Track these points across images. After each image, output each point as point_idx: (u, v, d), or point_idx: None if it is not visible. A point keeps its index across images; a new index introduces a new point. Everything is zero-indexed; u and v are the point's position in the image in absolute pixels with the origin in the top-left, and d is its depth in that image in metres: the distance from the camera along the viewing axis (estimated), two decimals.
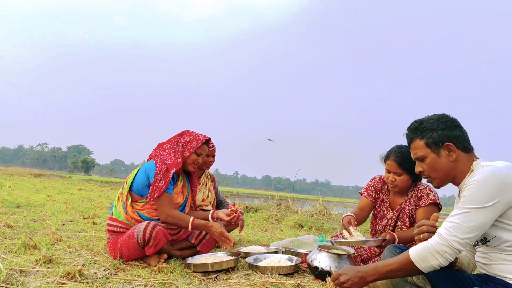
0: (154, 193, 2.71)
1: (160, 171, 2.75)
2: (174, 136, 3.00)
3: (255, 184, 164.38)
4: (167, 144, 2.96)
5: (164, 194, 2.73)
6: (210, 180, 3.97)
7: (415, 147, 1.91)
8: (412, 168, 2.69)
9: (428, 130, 1.86)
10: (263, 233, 5.07)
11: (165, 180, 2.73)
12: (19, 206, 5.64)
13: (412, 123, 1.94)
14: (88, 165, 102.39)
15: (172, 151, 2.91)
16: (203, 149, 2.99)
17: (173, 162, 2.82)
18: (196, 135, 2.99)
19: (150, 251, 2.55)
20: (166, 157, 2.86)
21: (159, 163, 2.79)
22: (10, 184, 10.93)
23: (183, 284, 2.23)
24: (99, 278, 2.19)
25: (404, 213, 2.85)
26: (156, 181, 2.72)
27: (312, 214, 7.05)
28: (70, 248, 2.93)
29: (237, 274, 2.52)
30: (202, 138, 2.98)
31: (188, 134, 2.99)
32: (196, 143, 2.94)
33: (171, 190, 2.78)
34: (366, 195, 2.99)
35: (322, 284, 2.42)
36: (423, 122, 1.90)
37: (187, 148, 2.92)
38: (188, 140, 2.95)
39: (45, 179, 18.96)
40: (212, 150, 3.76)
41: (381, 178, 3.01)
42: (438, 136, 1.84)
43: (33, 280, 2.09)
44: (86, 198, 8.66)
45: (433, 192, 2.79)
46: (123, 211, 2.78)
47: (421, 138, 1.88)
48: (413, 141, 1.92)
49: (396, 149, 2.77)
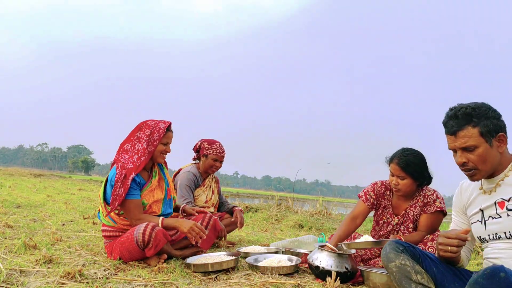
0: (115, 202, 2.59)
1: (119, 178, 2.62)
2: (133, 131, 2.83)
3: (255, 184, 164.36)
4: (128, 143, 2.80)
5: (127, 201, 2.64)
6: (214, 182, 3.94)
7: (466, 135, 1.73)
8: (415, 173, 2.69)
9: (483, 118, 1.72)
10: (263, 233, 5.07)
11: (124, 187, 2.60)
12: (19, 206, 5.63)
13: (462, 109, 1.76)
14: (88, 165, 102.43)
15: (134, 151, 2.75)
16: (167, 137, 2.83)
17: (134, 166, 2.68)
18: (156, 124, 2.81)
19: (150, 252, 2.53)
20: (128, 161, 2.71)
21: (120, 168, 2.67)
22: (10, 184, 10.92)
23: (183, 284, 2.22)
24: (99, 278, 2.19)
25: (408, 218, 2.80)
26: (116, 189, 2.60)
27: (312, 214, 7.04)
28: (70, 248, 2.93)
29: (237, 274, 2.52)
30: (163, 126, 2.81)
31: (147, 126, 2.80)
32: (158, 134, 2.78)
33: (135, 196, 2.68)
34: (364, 200, 2.87)
35: (322, 284, 2.41)
36: (475, 108, 1.73)
37: (150, 142, 2.76)
38: (149, 133, 2.77)
39: (45, 179, 18.94)
40: (221, 156, 3.72)
41: (383, 183, 2.91)
42: (493, 125, 1.71)
43: (33, 280, 2.09)
44: (86, 198, 8.66)
45: (440, 199, 2.74)
46: (112, 222, 2.75)
47: (474, 126, 1.72)
48: (463, 129, 1.74)
49: (400, 152, 2.73)
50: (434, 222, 2.73)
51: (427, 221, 2.72)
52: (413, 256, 1.96)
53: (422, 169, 2.70)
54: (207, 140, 3.78)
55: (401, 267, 1.90)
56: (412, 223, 2.79)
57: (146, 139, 2.76)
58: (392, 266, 1.93)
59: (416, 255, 1.97)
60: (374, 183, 2.94)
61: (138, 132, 2.81)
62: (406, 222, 2.82)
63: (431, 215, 2.72)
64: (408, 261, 1.91)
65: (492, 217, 1.79)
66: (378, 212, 2.94)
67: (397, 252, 1.95)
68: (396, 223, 2.85)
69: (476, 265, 3.42)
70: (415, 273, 1.87)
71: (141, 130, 2.81)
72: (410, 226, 2.80)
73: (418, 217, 2.78)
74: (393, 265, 1.93)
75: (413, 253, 1.97)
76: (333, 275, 2.32)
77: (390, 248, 1.99)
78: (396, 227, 2.85)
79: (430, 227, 2.72)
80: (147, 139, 2.76)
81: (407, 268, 1.88)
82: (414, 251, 1.98)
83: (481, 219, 1.84)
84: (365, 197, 2.89)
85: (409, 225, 2.81)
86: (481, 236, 1.87)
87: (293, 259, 2.81)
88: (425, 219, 2.73)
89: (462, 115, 1.75)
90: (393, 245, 1.99)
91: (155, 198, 2.82)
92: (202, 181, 3.82)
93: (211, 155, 3.70)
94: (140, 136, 2.79)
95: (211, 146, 3.71)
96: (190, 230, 2.62)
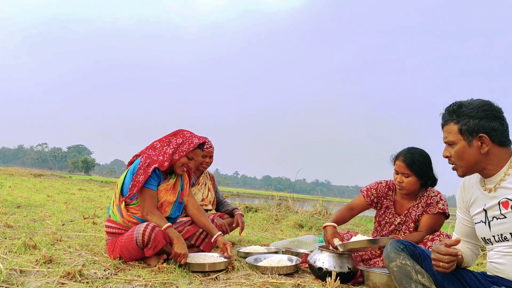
0: (134, 188, 2.63)
1: (142, 166, 2.67)
2: (168, 134, 2.87)
3: (255, 184, 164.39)
4: (158, 142, 2.85)
5: (145, 190, 2.66)
6: (209, 180, 3.95)
7: (448, 131, 1.81)
8: (421, 171, 2.69)
9: (465, 116, 1.74)
10: (263, 233, 5.07)
11: (145, 174, 2.63)
12: (19, 206, 5.64)
13: (451, 105, 1.82)
14: (88, 165, 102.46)
15: (161, 152, 2.78)
16: (195, 153, 2.82)
17: (157, 160, 2.73)
18: (190, 137, 2.82)
19: (149, 252, 2.54)
20: (153, 156, 2.76)
21: (144, 158, 2.72)
22: (10, 184, 10.93)
23: (183, 284, 2.22)
24: (99, 278, 2.19)
25: (410, 218, 2.80)
26: (137, 176, 2.65)
27: (312, 214, 7.05)
28: (70, 248, 2.93)
29: (237, 274, 2.52)
30: (196, 142, 2.80)
31: (182, 135, 2.82)
32: (188, 146, 2.77)
33: (153, 186, 2.69)
34: (365, 195, 2.89)
35: (322, 284, 2.41)
36: (463, 106, 1.77)
37: (178, 151, 2.76)
38: (180, 142, 2.78)
39: (45, 179, 18.95)
40: (210, 151, 3.72)
41: (387, 183, 2.91)
42: (474, 125, 1.72)
43: (33, 280, 2.09)
44: (86, 198, 8.66)
45: (443, 201, 2.73)
46: (119, 215, 2.75)
47: (456, 123, 1.77)
48: (447, 124, 1.81)
49: (406, 150, 2.74)
50: (435, 223, 2.72)
51: (428, 221, 2.71)
52: (413, 255, 1.96)
53: (427, 168, 2.70)
54: None
55: (402, 266, 1.89)
56: (413, 223, 2.79)
57: (175, 146, 2.78)
58: (392, 266, 1.93)
59: (416, 255, 1.97)
60: (379, 182, 2.94)
61: (172, 137, 2.85)
62: (407, 222, 2.81)
63: (433, 216, 2.72)
64: (408, 260, 1.90)
65: (497, 217, 1.75)
66: (380, 213, 2.94)
67: (397, 251, 1.95)
68: (398, 223, 2.84)
69: (477, 265, 3.42)
70: (416, 273, 1.86)
71: (175, 136, 2.84)
72: (412, 226, 2.79)
73: (420, 217, 2.77)
74: (393, 265, 1.93)
75: (413, 252, 1.97)
76: (333, 275, 2.32)
77: (391, 247, 1.99)
78: (398, 226, 2.85)
79: (431, 228, 2.71)
80: (176, 146, 2.78)
81: (408, 268, 1.88)
82: (414, 250, 1.98)
83: (485, 220, 1.80)
84: (366, 193, 2.90)
85: (410, 225, 2.80)
86: (485, 237, 1.83)
87: (293, 259, 2.81)
88: (426, 219, 2.73)
89: (449, 111, 1.82)
90: (394, 244, 2.00)
91: (168, 198, 2.83)
92: (196, 180, 3.83)
93: None
94: (171, 141, 2.81)
95: None
96: (179, 252, 2.53)
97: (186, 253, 2.56)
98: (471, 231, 1.94)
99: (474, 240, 1.96)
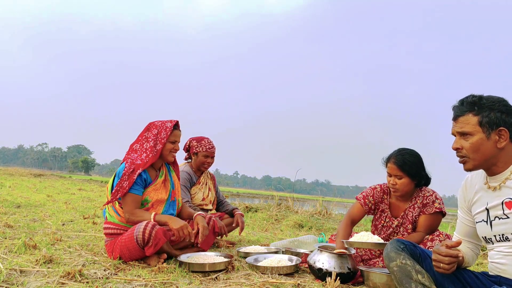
0: (117, 193, 2.67)
1: (127, 171, 2.71)
2: (141, 132, 2.91)
3: (255, 184, 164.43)
4: (136, 144, 2.89)
5: (128, 195, 2.69)
6: (210, 179, 3.96)
7: (464, 121, 1.74)
8: (413, 171, 2.70)
9: (486, 109, 1.71)
10: (263, 233, 5.07)
11: (129, 180, 2.68)
12: (19, 206, 5.64)
13: (470, 96, 1.77)
14: (88, 165, 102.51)
15: (142, 150, 2.83)
16: (175, 135, 2.88)
17: (142, 163, 2.77)
18: (162, 124, 2.88)
19: (150, 251, 2.54)
20: (137, 158, 2.80)
21: (129, 163, 2.75)
22: (10, 184, 10.93)
23: (183, 284, 2.22)
24: (99, 278, 2.19)
25: (407, 220, 2.80)
26: (121, 182, 2.68)
27: (312, 214, 7.04)
28: (70, 248, 2.93)
29: (237, 274, 2.52)
30: (170, 125, 2.87)
31: (154, 126, 2.89)
32: (165, 132, 2.84)
33: (137, 191, 2.73)
34: (363, 204, 2.89)
35: (322, 284, 2.42)
36: (483, 98, 1.73)
37: (158, 141, 2.82)
38: (156, 132, 2.85)
39: (45, 179, 18.93)
40: (212, 152, 3.75)
41: (381, 188, 2.92)
42: (495, 118, 1.69)
43: (33, 280, 2.09)
44: (86, 198, 8.66)
45: (439, 200, 2.74)
46: (116, 215, 2.77)
47: (475, 114, 1.72)
48: (464, 115, 1.75)
49: (397, 151, 2.75)
50: (433, 223, 2.73)
51: (426, 222, 2.72)
52: (413, 255, 1.96)
53: (418, 168, 2.71)
54: (195, 138, 3.82)
55: (402, 266, 1.90)
56: (411, 224, 2.79)
57: (153, 138, 2.84)
58: (393, 266, 1.93)
59: (417, 254, 1.97)
60: (374, 188, 2.94)
61: (146, 132, 2.90)
62: (405, 224, 2.82)
63: (430, 216, 2.72)
64: (408, 260, 1.90)
65: (499, 217, 1.74)
66: (376, 216, 2.95)
67: (397, 251, 1.95)
68: (396, 225, 2.85)
69: (477, 265, 3.42)
70: (416, 273, 1.86)
71: (149, 131, 2.89)
72: (409, 227, 2.80)
73: (417, 218, 2.77)
74: (394, 265, 1.93)
75: (414, 252, 1.97)
76: (333, 275, 2.32)
77: (391, 247, 1.99)
78: (396, 229, 2.85)
79: (429, 227, 2.72)
80: (154, 138, 2.84)
81: (408, 268, 1.88)
82: (415, 249, 1.98)
83: (487, 219, 1.80)
84: (363, 202, 2.90)
85: (408, 226, 2.81)
86: (486, 237, 1.82)
87: (293, 259, 2.81)
88: (424, 220, 2.73)
89: (467, 103, 1.76)
90: (394, 243, 2.00)
91: (159, 197, 2.86)
92: (197, 179, 3.83)
93: (201, 152, 3.74)
94: (148, 136, 2.87)
95: (200, 143, 3.75)
96: (180, 229, 2.60)
97: (185, 224, 2.61)
98: (472, 231, 1.94)
99: (475, 240, 1.96)
